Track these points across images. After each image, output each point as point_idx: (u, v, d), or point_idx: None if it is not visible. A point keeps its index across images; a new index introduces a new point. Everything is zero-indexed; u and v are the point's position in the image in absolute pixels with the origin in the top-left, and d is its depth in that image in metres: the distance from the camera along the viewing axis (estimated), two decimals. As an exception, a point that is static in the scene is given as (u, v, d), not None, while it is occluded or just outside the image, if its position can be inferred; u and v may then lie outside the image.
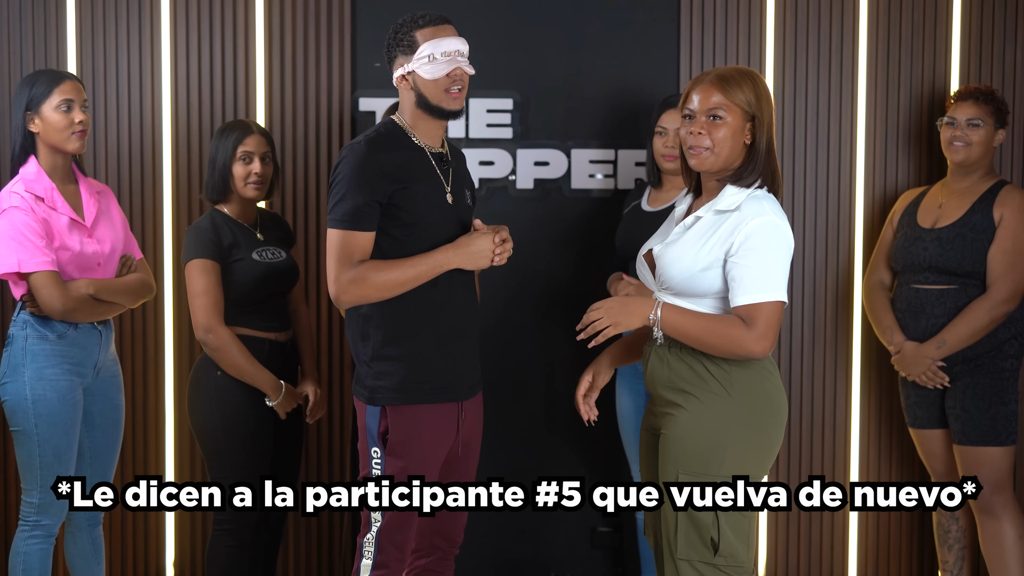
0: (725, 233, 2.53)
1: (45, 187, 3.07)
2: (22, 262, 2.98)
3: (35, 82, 3.10)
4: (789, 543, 3.94)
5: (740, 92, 2.55)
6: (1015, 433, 3.45)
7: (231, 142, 3.26)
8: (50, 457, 3.06)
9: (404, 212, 2.67)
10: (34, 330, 3.07)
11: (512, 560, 3.93)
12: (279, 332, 3.33)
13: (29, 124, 3.09)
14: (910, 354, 3.50)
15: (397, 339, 2.70)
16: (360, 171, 2.64)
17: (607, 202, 3.86)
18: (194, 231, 3.23)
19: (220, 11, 3.78)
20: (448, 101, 2.72)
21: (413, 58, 2.69)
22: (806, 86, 3.87)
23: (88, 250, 3.11)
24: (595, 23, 3.84)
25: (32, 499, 3.09)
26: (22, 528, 3.11)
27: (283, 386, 3.25)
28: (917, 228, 3.56)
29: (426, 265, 2.66)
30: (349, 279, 2.63)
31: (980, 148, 3.50)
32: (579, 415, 2.90)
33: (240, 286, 3.23)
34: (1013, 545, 3.43)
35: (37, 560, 3.09)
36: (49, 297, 2.99)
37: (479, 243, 2.70)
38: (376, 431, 2.70)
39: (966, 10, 3.87)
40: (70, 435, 3.09)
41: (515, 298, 3.86)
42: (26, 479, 3.10)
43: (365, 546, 2.71)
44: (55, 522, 3.12)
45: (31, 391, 3.04)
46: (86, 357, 3.14)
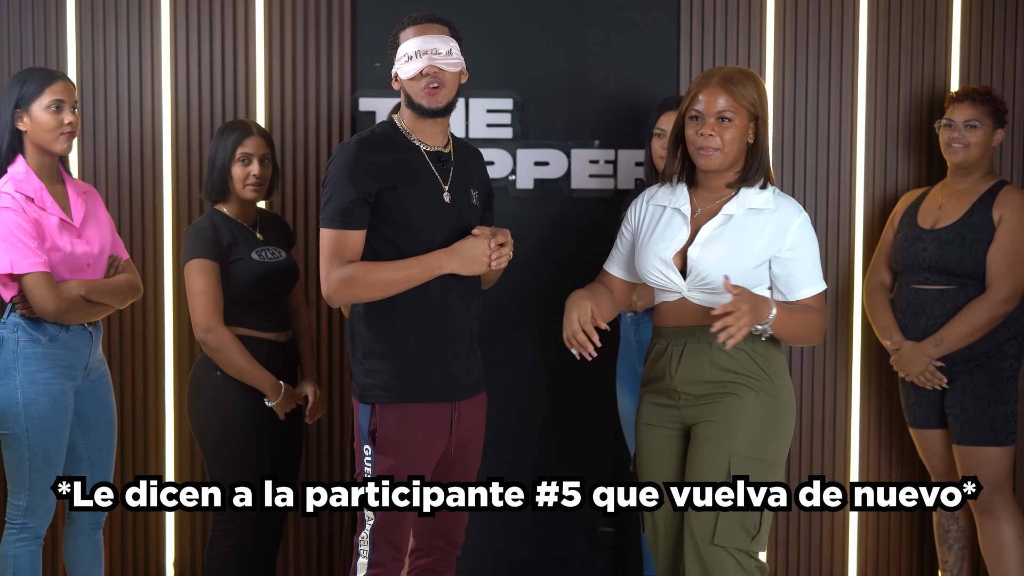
0: (773, 231, 2.67)
1: (34, 187, 3.04)
2: (14, 263, 2.95)
3: (26, 80, 3.06)
4: (789, 543, 3.94)
5: (745, 94, 2.65)
6: (1014, 433, 3.45)
7: (230, 143, 3.26)
8: (40, 460, 3.04)
9: (393, 212, 2.68)
10: (25, 333, 3.04)
11: (512, 560, 3.93)
12: (279, 332, 3.33)
13: (17, 122, 3.06)
14: (908, 353, 3.50)
15: (387, 337, 2.70)
16: (347, 170, 2.66)
17: (607, 202, 3.86)
18: (193, 231, 3.23)
19: (220, 11, 3.78)
20: (425, 99, 2.72)
21: (395, 58, 2.74)
22: (806, 86, 3.87)
23: (78, 251, 3.09)
24: (595, 23, 3.84)
25: (20, 502, 3.07)
26: (9, 531, 3.08)
27: (282, 386, 3.25)
28: (917, 229, 3.56)
29: (418, 268, 2.67)
30: (339, 279, 2.65)
31: (978, 149, 3.50)
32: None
33: (239, 286, 3.22)
34: (1012, 545, 3.43)
35: (26, 562, 3.07)
36: (42, 298, 2.97)
37: (473, 247, 2.69)
38: (367, 429, 2.71)
39: (966, 10, 3.87)
40: (60, 439, 3.08)
41: (515, 298, 3.86)
42: (13, 482, 3.08)
43: (360, 545, 2.72)
44: (42, 524, 3.10)
45: (22, 395, 3.02)
46: (77, 359, 3.12)
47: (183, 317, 3.77)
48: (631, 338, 3.49)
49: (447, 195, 2.76)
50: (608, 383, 3.72)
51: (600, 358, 3.81)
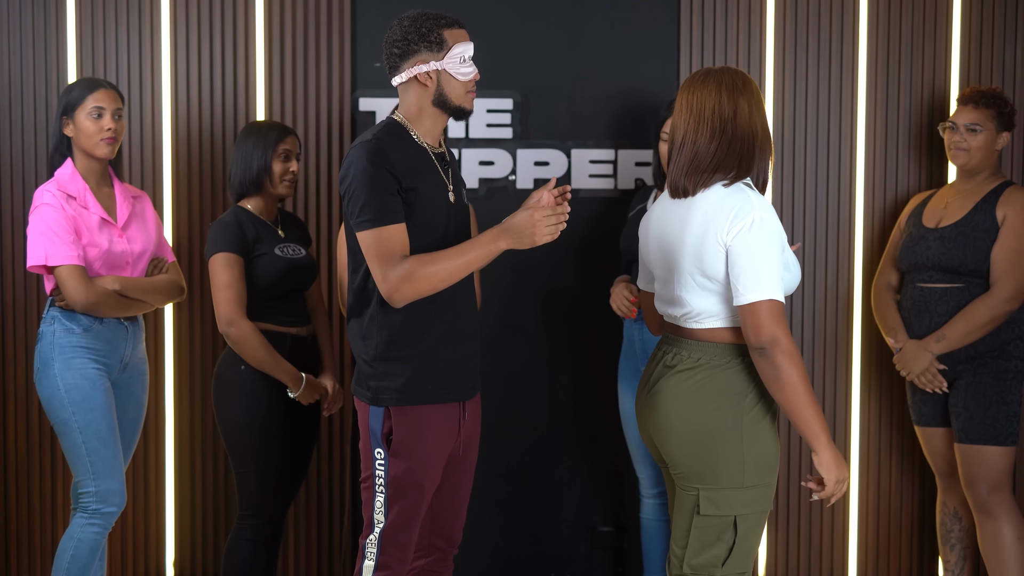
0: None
1: (78, 187, 3.19)
2: (49, 256, 3.10)
3: (72, 88, 3.23)
4: (789, 543, 3.94)
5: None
6: (1016, 434, 3.45)
7: (272, 140, 3.34)
8: (95, 443, 3.13)
9: (414, 212, 2.66)
10: (61, 324, 3.17)
11: (512, 560, 3.93)
12: (300, 327, 3.37)
13: (65, 128, 3.22)
14: (911, 350, 3.50)
15: (401, 340, 2.68)
16: (373, 167, 2.60)
17: (607, 202, 3.86)
18: (218, 226, 3.28)
19: (220, 11, 3.78)
20: (468, 102, 2.74)
21: (445, 57, 2.67)
22: (806, 86, 3.87)
23: (117, 248, 3.22)
24: (595, 23, 3.84)
25: (89, 488, 3.14)
26: (80, 515, 3.16)
27: (304, 377, 3.29)
28: (921, 228, 3.57)
29: (476, 252, 2.61)
30: (399, 276, 2.58)
31: (980, 153, 3.50)
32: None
33: (263, 280, 3.27)
34: (1012, 546, 3.43)
35: (87, 548, 3.14)
36: (73, 290, 3.10)
37: (523, 222, 2.61)
38: (380, 432, 2.69)
39: (966, 10, 3.87)
40: (108, 419, 3.16)
41: (515, 298, 3.86)
42: (77, 470, 3.16)
43: (368, 547, 2.71)
44: (115, 511, 3.17)
45: (62, 381, 3.14)
46: (111, 351, 3.22)
47: (183, 317, 3.78)
48: (634, 338, 3.49)
49: (451, 194, 2.77)
50: (610, 383, 3.72)
51: (602, 358, 3.83)
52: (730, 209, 2.49)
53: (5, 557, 3.85)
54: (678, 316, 2.62)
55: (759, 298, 2.45)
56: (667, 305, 2.65)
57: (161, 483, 3.83)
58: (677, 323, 2.64)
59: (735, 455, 2.52)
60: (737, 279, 2.47)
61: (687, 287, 2.57)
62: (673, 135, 2.62)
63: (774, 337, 2.43)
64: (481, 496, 3.64)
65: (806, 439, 2.50)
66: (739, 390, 2.54)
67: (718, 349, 2.56)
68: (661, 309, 2.69)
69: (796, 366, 2.44)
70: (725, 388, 2.54)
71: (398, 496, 2.67)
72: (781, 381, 2.45)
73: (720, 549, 2.56)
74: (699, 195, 2.56)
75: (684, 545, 2.59)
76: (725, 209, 2.50)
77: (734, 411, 2.53)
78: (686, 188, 2.58)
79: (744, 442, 2.53)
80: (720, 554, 2.56)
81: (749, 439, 2.53)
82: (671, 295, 2.62)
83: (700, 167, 2.56)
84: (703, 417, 2.53)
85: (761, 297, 2.45)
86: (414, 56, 2.68)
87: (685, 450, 2.55)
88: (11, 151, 3.77)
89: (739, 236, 2.47)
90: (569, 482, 3.91)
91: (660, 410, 2.59)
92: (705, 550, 2.56)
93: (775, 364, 2.44)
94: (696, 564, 2.57)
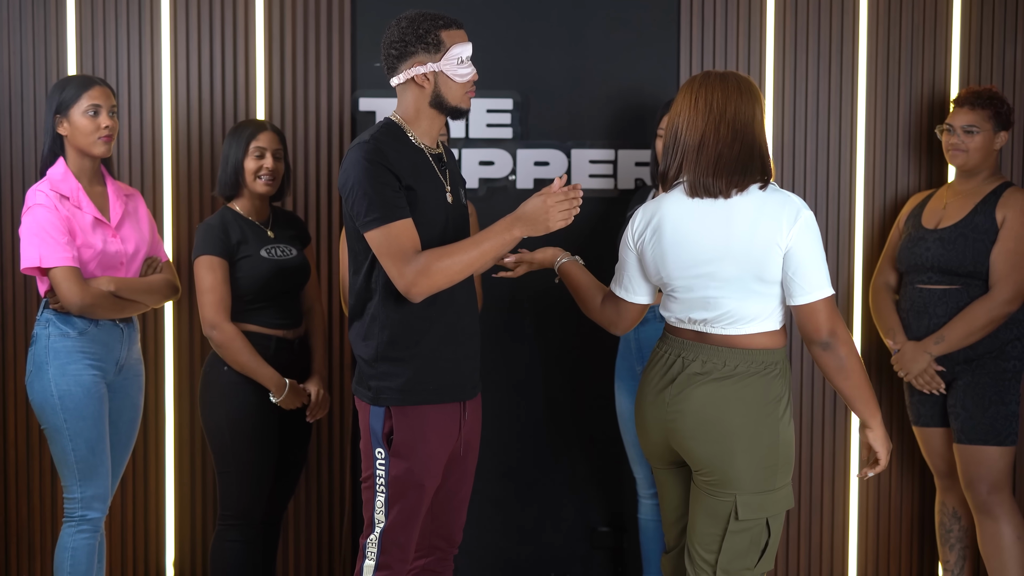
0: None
1: (71, 187, 3.15)
2: (43, 257, 3.06)
3: (66, 86, 3.18)
4: (789, 543, 3.94)
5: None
6: (1015, 434, 3.45)
7: (244, 137, 3.31)
8: (84, 450, 3.12)
9: (413, 212, 2.65)
10: (56, 328, 3.14)
11: (512, 560, 3.93)
12: (288, 329, 3.34)
13: (58, 127, 3.17)
14: (909, 351, 3.50)
15: (402, 340, 2.68)
16: (373, 167, 2.59)
17: (607, 202, 3.86)
18: (204, 228, 3.27)
19: (220, 11, 3.78)
20: (466, 102, 2.73)
21: (442, 58, 2.66)
22: (806, 86, 3.87)
23: (111, 249, 3.18)
24: (595, 23, 3.84)
25: (74, 495, 3.14)
26: (68, 524, 3.15)
27: (287, 383, 3.26)
28: (921, 229, 3.57)
29: (491, 241, 2.61)
30: (415, 271, 2.57)
31: (978, 154, 3.50)
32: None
33: (247, 282, 3.25)
34: (1011, 546, 3.43)
35: (84, 555, 3.14)
36: (68, 292, 3.06)
37: (536, 209, 2.62)
38: (380, 432, 2.69)
39: (966, 10, 3.87)
40: (99, 427, 3.14)
41: (515, 298, 3.86)
42: (64, 476, 3.15)
43: (368, 547, 2.71)
44: (100, 515, 3.17)
45: (56, 387, 3.11)
46: (107, 353, 3.19)
47: (183, 317, 3.78)
48: (630, 338, 3.49)
49: (449, 195, 2.76)
50: (607, 383, 3.72)
51: (599, 358, 3.83)
52: (781, 211, 2.51)
53: (5, 557, 3.85)
54: (707, 320, 2.59)
55: (821, 296, 2.52)
56: (687, 310, 2.61)
57: (161, 483, 3.83)
58: (698, 328, 2.61)
59: (772, 459, 2.54)
60: (797, 279, 2.51)
61: (732, 292, 2.54)
62: (678, 132, 2.59)
63: (835, 330, 2.52)
64: (481, 496, 3.64)
65: (863, 418, 2.60)
66: (777, 395, 2.57)
67: (756, 355, 2.56)
68: (676, 314, 2.65)
69: (856, 354, 2.56)
70: (765, 394, 2.55)
71: (399, 496, 2.67)
72: (846, 371, 2.53)
73: (756, 551, 2.58)
74: (735, 198, 2.54)
75: (715, 551, 2.58)
76: (775, 212, 2.51)
77: (773, 416, 2.55)
78: (719, 189, 2.54)
79: (780, 445, 2.56)
80: (756, 556, 2.58)
81: (784, 442, 2.56)
82: (697, 300, 2.58)
83: (726, 168, 2.53)
84: (745, 425, 2.54)
85: (823, 295, 2.52)
86: (411, 57, 2.67)
87: (724, 457, 2.54)
88: (11, 151, 3.77)
89: (797, 237, 2.50)
90: (569, 482, 3.91)
91: (693, 418, 2.57)
92: (745, 554, 2.57)
93: (839, 355, 2.53)
94: (732, 569, 2.58)
